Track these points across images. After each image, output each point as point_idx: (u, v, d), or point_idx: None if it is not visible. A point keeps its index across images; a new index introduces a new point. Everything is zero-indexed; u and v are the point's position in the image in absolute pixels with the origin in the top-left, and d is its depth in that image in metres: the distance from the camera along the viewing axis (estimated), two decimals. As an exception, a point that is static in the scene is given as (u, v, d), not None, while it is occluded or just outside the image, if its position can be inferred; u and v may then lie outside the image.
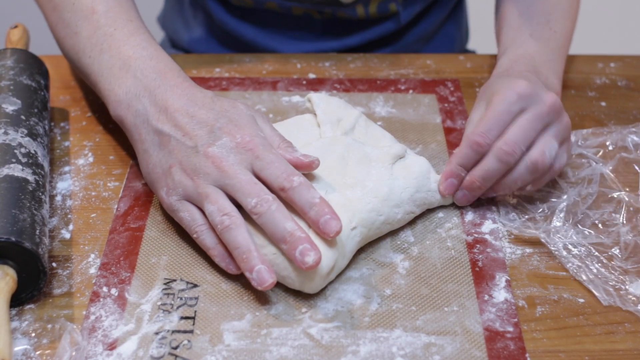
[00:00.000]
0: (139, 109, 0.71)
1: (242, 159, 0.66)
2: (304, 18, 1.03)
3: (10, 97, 0.76)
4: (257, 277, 0.62)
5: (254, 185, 0.65)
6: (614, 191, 0.75)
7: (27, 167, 0.70)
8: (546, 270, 0.69)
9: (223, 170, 0.65)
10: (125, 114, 0.72)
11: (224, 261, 0.66)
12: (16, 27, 0.89)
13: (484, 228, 0.72)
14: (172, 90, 0.71)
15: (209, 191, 0.65)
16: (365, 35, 1.04)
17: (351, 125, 0.76)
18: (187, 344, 0.62)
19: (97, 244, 0.71)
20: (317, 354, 0.61)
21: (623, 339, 0.63)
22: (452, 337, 0.62)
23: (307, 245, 0.62)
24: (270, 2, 1.00)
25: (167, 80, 0.72)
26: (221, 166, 0.65)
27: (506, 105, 0.71)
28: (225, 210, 0.64)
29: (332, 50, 1.04)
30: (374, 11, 1.01)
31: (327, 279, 0.65)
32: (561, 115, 0.73)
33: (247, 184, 0.65)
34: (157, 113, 0.70)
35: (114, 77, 0.74)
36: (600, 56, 0.98)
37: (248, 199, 0.64)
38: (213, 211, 0.65)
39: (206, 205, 0.65)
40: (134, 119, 0.71)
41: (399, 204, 0.69)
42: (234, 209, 0.65)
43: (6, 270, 0.62)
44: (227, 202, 0.65)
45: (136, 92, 0.72)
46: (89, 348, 0.61)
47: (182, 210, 0.67)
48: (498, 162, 0.70)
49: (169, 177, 0.68)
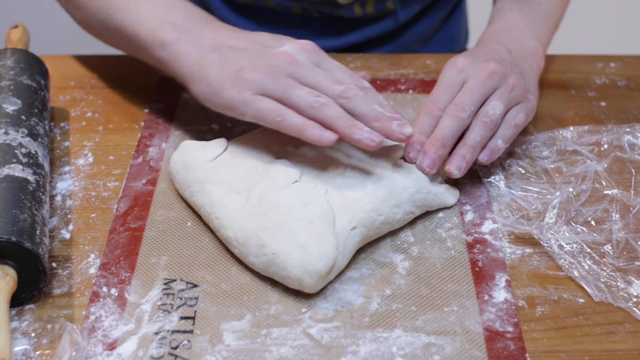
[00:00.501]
0: (192, 39, 0.74)
1: (310, 58, 0.71)
2: (303, 16, 1.03)
3: (10, 97, 0.76)
4: (368, 135, 0.66)
5: (333, 77, 0.69)
6: (607, 189, 0.75)
7: (28, 167, 0.70)
8: (546, 270, 0.69)
9: (298, 64, 0.70)
10: (177, 47, 0.74)
11: (318, 130, 0.67)
12: (16, 27, 0.89)
13: (483, 228, 0.72)
14: (222, 27, 0.76)
15: (291, 82, 0.69)
16: (364, 33, 1.05)
17: (351, 125, 0.76)
18: (187, 344, 0.62)
19: (97, 244, 0.71)
20: (317, 354, 0.61)
21: (623, 339, 0.63)
22: (452, 337, 0.62)
23: (401, 121, 0.67)
24: (269, 1, 1.01)
25: (214, 22, 0.77)
26: (295, 60, 0.70)
27: (448, 79, 0.77)
28: (316, 92, 0.68)
29: (332, 48, 1.04)
30: (371, 10, 1.01)
31: (326, 279, 0.65)
32: (506, 79, 0.76)
33: (326, 75, 0.69)
34: (211, 40, 0.74)
35: (160, 21, 0.77)
36: (600, 56, 0.98)
37: (334, 86, 0.68)
38: (303, 95, 0.68)
39: (293, 92, 0.68)
40: (187, 48, 0.74)
41: (399, 204, 0.69)
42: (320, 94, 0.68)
43: (6, 270, 0.62)
44: (311, 89, 0.68)
45: (186, 27, 0.75)
46: (89, 348, 0.61)
47: (259, 101, 0.69)
48: (451, 119, 0.73)
49: (238, 78, 0.70)
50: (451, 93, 0.76)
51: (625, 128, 0.82)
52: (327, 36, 1.05)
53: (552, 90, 0.92)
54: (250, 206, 0.67)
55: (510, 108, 0.76)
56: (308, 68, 0.70)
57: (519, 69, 0.79)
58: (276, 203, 0.67)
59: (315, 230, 0.64)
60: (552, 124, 0.86)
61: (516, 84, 0.76)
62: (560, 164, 0.79)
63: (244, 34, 0.75)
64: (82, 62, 0.96)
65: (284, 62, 0.70)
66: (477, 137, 0.73)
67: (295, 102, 0.68)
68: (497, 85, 0.76)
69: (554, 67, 0.96)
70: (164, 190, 0.76)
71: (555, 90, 0.92)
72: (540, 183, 0.76)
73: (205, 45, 0.73)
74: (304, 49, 0.72)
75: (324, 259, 0.63)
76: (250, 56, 0.71)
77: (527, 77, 0.80)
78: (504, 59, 0.79)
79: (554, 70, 0.95)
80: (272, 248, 0.64)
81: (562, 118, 0.87)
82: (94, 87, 0.91)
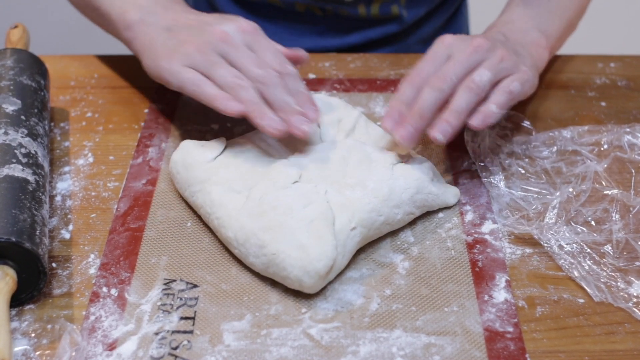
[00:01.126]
0: (152, 20, 0.80)
1: (244, 39, 0.74)
2: (306, 14, 1.03)
3: (10, 97, 0.76)
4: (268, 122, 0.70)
5: (260, 60, 0.73)
6: (607, 189, 0.75)
7: (28, 168, 0.70)
8: (546, 270, 0.69)
9: (229, 43, 0.73)
10: (138, 28, 0.79)
11: (227, 101, 0.71)
12: (16, 27, 0.89)
13: (483, 228, 0.72)
14: (183, 10, 0.81)
15: (218, 59, 0.73)
16: (367, 34, 1.05)
17: (351, 125, 0.76)
18: (187, 344, 0.62)
19: (97, 244, 0.71)
20: (317, 354, 0.61)
21: (623, 339, 0.63)
22: (452, 337, 0.62)
23: (302, 117, 0.70)
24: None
25: (177, 5, 0.82)
26: (227, 39, 0.73)
27: (434, 52, 0.76)
28: (236, 74, 0.72)
29: (334, 48, 1.04)
30: (375, 12, 1.02)
31: (326, 279, 0.65)
32: (494, 52, 0.75)
33: (252, 57, 0.73)
34: (167, 19, 0.79)
35: (127, 3, 0.82)
36: (600, 56, 0.98)
37: (255, 69, 0.72)
38: (224, 74, 0.72)
39: (216, 70, 0.72)
40: (145, 28, 0.79)
41: (399, 205, 0.69)
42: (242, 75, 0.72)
43: (6, 270, 0.62)
44: (235, 69, 0.72)
45: (149, 9, 0.80)
46: (89, 348, 0.61)
47: (184, 72, 0.73)
48: (431, 90, 0.72)
49: (175, 52, 0.75)
50: (435, 65, 0.74)
51: (625, 128, 0.82)
52: (329, 35, 1.05)
53: (552, 90, 0.92)
54: (250, 206, 0.67)
55: (502, 79, 0.75)
56: (238, 48, 0.73)
57: (513, 49, 0.78)
58: (276, 203, 0.67)
59: (315, 230, 0.64)
60: (552, 124, 0.86)
61: (505, 55, 0.75)
62: (560, 164, 0.79)
63: (198, 15, 0.80)
64: (82, 62, 0.96)
65: (217, 40, 0.74)
66: (462, 102, 0.71)
67: (216, 79, 0.72)
68: (483, 58, 0.74)
69: (554, 67, 0.96)
70: (164, 190, 0.76)
71: (555, 90, 0.92)
72: (540, 183, 0.76)
73: (161, 25, 0.78)
74: (242, 29, 0.75)
75: (323, 259, 0.63)
76: (191, 32, 0.76)
77: (521, 56, 0.79)
78: (495, 39, 0.78)
79: (554, 70, 0.95)
80: (271, 248, 0.64)
81: (562, 118, 0.87)
82: (94, 87, 0.91)
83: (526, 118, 0.83)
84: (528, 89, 0.77)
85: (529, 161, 0.79)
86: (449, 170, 0.79)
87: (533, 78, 0.78)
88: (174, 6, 0.82)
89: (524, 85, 0.76)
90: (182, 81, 0.73)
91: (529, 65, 0.79)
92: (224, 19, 0.77)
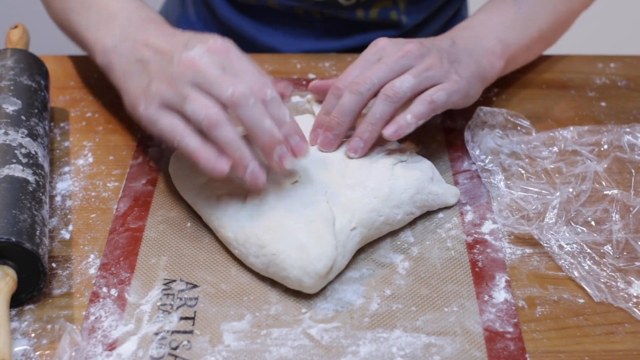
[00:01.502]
0: (124, 48, 0.73)
1: (214, 60, 0.66)
2: (305, 17, 1.03)
3: (10, 97, 0.76)
4: (251, 177, 0.64)
5: (228, 77, 0.64)
6: (607, 189, 0.75)
7: (28, 168, 0.70)
8: (546, 270, 0.69)
9: (197, 68, 0.65)
10: (111, 57, 0.75)
11: (212, 159, 0.64)
12: (16, 27, 0.89)
13: (483, 228, 0.72)
14: (155, 30, 0.74)
15: (188, 92, 0.65)
16: (366, 37, 1.04)
17: (351, 125, 0.76)
18: (186, 344, 0.62)
19: (97, 245, 0.71)
20: (317, 354, 0.61)
21: (623, 339, 0.63)
22: (452, 337, 0.62)
23: (285, 150, 0.64)
24: (271, 1, 1.01)
25: (151, 24, 0.75)
26: (194, 65, 0.65)
27: (364, 56, 0.74)
28: (209, 107, 0.63)
29: (332, 50, 1.04)
30: (374, 16, 1.01)
31: (326, 279, 0.65)
32: (423, 58, 0.73)
33: (221, 77, 0.64)
34: (140, 47, 0.72)
35: (101, 28, 0.77)
36: (600, 56, 0.98)
37: (223, 89, 0.63)
38: (195, 108, 0.64)
39: (187, 105, 0.64)
40: (119, 58, 0.74)
41: (399, 205, 0.69)
42: (217, 106, 0.64)
43: (6, 270, 0.62)
44: (209, 100, 0.64)
45: (122, 36, 0.75)
46: (89, 348, 0.61)
47: (161, 119, 0.66)
48: (349, 94, 0.71)
49: (147, 92, 0.68)
50: (362, 69, 0.73)
51: (625, 128, 0.82)
52: (328, 38, 1.04)
53: (552, 90, 0.92)
54: (249, 207, 0.67)
55: (428, 88, 0.72)
56: (207, 73, 0.65)
57: (453, 57, 0.76)
58: (276, 203, 0.67)
59: (315, 230, 0.64)
60: (552, 124, 0.86)
61: (435, 64, 0.72)
62: (560, 164, 0.79)
63: (170, 36, 0.72)
64: (82, 62, 0.96)
65: (185, 69, 0.65)
66: (377, 113, 0.70)
67: (189, 117, 0.64)
68: (411, 64, 0.72)
69: (554, 67, 0.96)
70: (164, 190, 0.76)
71: (555, 90, 0.92)
72: (540, 183, 0.76)
73: (133, 55, 0.72)
74: (211, 50, 0.66)
75: (323, 260, 0.63)
76: (160, 65, 0.68)
77: (460, 64, 0.76)
78: (434, 45, 0.76)
79: (554, 70, 0.95)
80: (271, 248, 0.64)
81: (562, 118, 0.87)
82: (94, 87, 0.91)
83: (526, 118, 0.83)
84: (457, 100, 0.74)
85: (529, 161, 0.79)
86: (449, 170, 0.79)
87: (465, 88, 0.75)
88: (148, 26, 0.75)
89: (451, 95, 0.72)
90: (163, 132, 0.66)
91: (465, 75, 0.75)
92: (193, 41, 0.68)
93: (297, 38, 1.05)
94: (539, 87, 0.92)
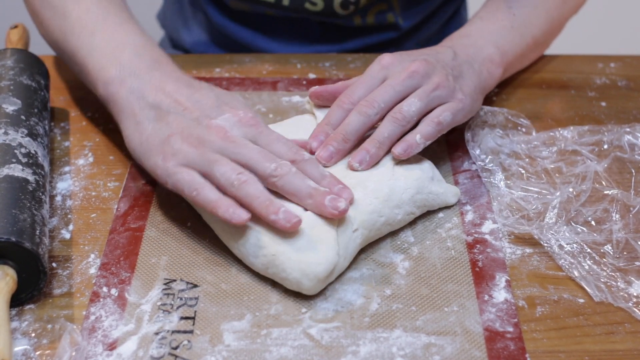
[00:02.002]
0: (134, 86, 0.72)
1: (246, 132, 0.68)
2: (302, 23, 1.02)
3: (10, 97, 0.76)
4: (284, 216, 0.63)
5: (267, 153, 0.66)
6: (607, 189, 0.75)
7: (28, 167, 0.70)
8: (546, 270, 0.69)
9: (230, 140, 0.66)
10: (118, 90, 0.73)
11: (231, 209, 0.63)
12: (16, 27, 0.89)
13: (484, 228, 0.72)
14: (170, 75, 0.73)
15: (218, 157, 0.65)
16: (364, 41, 1.05)
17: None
18: (187, 344, 0.62)
19: (97, 244, 0.71)
20: (317, 354, 0.61)
21: (623, 339, 0.63)
22: (452, 337, 0.62)
23: (334, 196, 0.64)
24: (268, 10, 1.00)
25: (162, 65, 0.74)
26: (227, 137, 0.66)
27: (369, 74, 0.75)
28: (239, 170, 0.65)
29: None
30: (371, 21, 1.01)
31: (326, 282, 0.65)
32: (429, 78, 0.73)
33: (259, 152, 0.66)
34: (154, 90, 0.71)
35: (107, 57, 0.75)
36: (600, 56, 0.98)
37: (266, 164, 0.65)
38: (226, 171, 0.64)
39: (216, 169, 0.65)
40: (127, 94, 0.72)
41: (400, 205, 0.69)
42: (245, 170, 0.65)
43: (6, 270, 0.62)
44: (237, 165, 0.65)
45: (132, 70, 0.73)
46: (89, 348, 0.61)
47: (179, 173, 0.66)
48: (357, 114, 0.71)
49: (167, 145, 0.67)
50: (368, 88, 0.74)
51: (625, 128, 0.82)
52: (325, 42, 1.04)
53: (552, 90, 0.92)
54: None
55: (435, 107, 0.74)
56: (240, 144, 0.66)
57: (457, 71, 0.77)
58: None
59: (317, 234, 0.64)
60: (552, 124, 0.86)
61: (441, 83, 0.73)
62: (560, 164, 0.79)
63: (189, 88, 0.71)
64: (82, 62, 0.95)
65: (216, 137, 0.66)
66: (385, 132, 0.71)
67: (217, 178, 0.65)
68: (417, 84, 0.73)
69: (554, 67, 0.96)
70: (164, 190, 0.76)
71: (555, 90, 0.92)
72: (540, 183, 0.76)
73: (146, 96, 0.71)
74: (241, 121, 0.68)
75: (323, 264, 0.63)
76: (184, 123, 0.68)
77: (464, 79, 0.77)
78: (438, 60, 0.76)
79: (554, 70, 0.95)
80: (271, 249, 0.64)
81: (562, 118, 0.87)
82: (94, 87, 0.91)
83: (526, 118, 0.83)
84: (461, 118, 0.75)
85: (529, 161, 0.79)
86: (449, 170, 0.79)
87: (469, 106, 0.76)
88: (160, 67, 0.73)
89: (456, 115, 0.74)
90: (180, 183, 0.66)
91: (469, 91, 0.76)
92: (220, 107, 0.69)
93: (295, 44, 1.05)
94: (539, 87, 0.92)
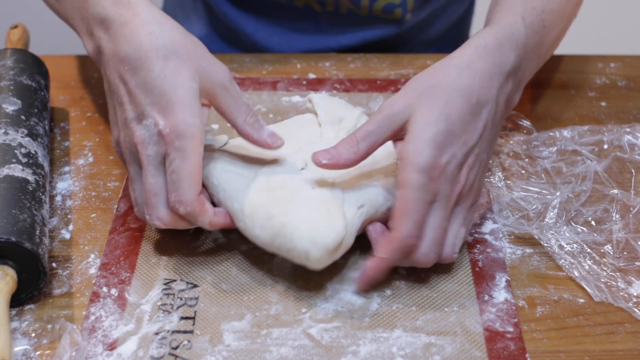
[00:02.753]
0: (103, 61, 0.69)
1: (157, 152, 0.64)
2: (304, 11, 1.02)
3: (10, 97, 0.76)
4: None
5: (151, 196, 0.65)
6: (607, 189, 0.76)
7: (28, 167, 0.70)
8: (546, 270, 0.69)
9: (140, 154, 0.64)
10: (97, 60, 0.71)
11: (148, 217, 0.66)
12: (16, 27, 0.89)
13: (484, 228, 0.72)
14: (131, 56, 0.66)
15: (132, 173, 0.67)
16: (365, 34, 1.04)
17: (352, 125, 0.76)
18: (187, 344, 0.62)
19: (97, 244, 0.71)
20: (317, 354, 0.61)
21: (623, 339, 0.63)
22: (452, 337, 0.62)
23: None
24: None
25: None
26: (138, 150, 0.65)
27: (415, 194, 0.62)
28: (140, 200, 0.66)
29: (330, 50, 1.04)
30: (378, 8, 1.00)
31: (333, 256, 0.63)
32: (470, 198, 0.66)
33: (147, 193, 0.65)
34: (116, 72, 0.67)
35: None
36: (600, 56, 0.98)
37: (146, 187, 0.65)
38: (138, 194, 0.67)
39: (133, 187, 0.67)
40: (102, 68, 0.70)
41: None
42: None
43: (6, 270, 0.62)
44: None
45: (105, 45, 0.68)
46: (89, 348, 0.61)
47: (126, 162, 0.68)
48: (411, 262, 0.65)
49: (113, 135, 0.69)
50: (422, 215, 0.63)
51: (625, 128, 0.82)
52: (327, 34, 1.04)
53: (552, 90, 0.92)
54: (259, 183, 0.66)
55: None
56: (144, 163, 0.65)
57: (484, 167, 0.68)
58: (284, 182, 0.66)
59: (325, 208, 0.64)
60: (552, 124, 0.86)
61: (475, 199, 0.67)
62: (560, 164, 0.79)
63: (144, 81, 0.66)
64: (82, 62, 0.96)
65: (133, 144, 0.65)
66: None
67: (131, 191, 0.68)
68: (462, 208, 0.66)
69: (554, 67, 0.96)
70: (164, 190, 0.76)
71: (555, 90, 0.92)
72: (540, 183, 0.76)
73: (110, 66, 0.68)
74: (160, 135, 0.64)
75: (332, 234, 0.62)
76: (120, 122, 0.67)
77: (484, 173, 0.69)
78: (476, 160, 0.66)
79: (554, 70, 0.95)
80: (281, 219, 0.63)
81: (562, 118, 0.87)
82: (94, 87, 0.91)
83: (526, 118, 0.83)
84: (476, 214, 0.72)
85: (529, 161, 0.79)
86: (449, 170, 0.79)
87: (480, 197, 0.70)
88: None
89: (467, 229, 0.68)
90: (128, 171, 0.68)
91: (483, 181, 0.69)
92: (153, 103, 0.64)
93: (297, 33, 1.04)
94: (539, 87, 0.92)
